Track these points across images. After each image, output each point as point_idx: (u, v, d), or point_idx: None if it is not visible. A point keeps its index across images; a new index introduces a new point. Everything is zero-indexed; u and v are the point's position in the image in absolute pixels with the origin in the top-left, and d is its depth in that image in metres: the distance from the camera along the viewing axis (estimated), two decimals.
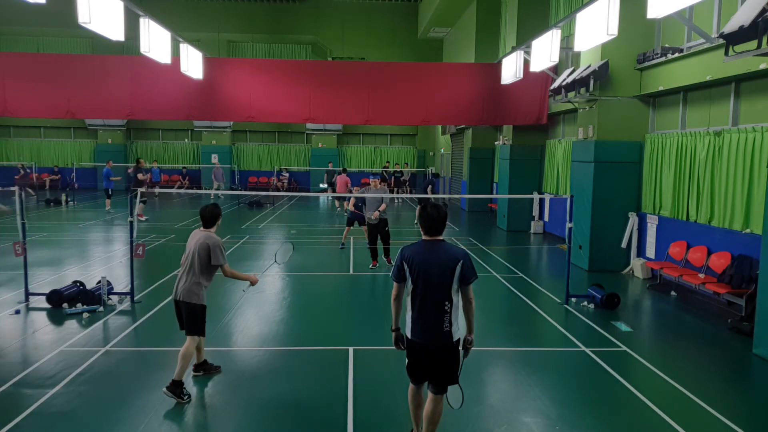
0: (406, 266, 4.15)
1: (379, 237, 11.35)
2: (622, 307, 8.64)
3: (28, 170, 28.47)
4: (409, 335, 4.22)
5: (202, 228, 5.61)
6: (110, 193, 19.82)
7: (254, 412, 5.17)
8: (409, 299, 4.21)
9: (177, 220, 17.71)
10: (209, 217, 5.58)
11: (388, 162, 30.73)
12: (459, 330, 4.18)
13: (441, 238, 4.24)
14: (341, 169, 20.37)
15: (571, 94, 12.23)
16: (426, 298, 4.10)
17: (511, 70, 12.97)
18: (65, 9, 13.74)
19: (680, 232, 10.15)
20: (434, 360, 4.17)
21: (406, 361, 4.29)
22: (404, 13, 29.11)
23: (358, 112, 14.51)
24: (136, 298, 8.59)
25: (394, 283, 4.26)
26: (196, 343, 5.53)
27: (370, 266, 11.33)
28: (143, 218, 17.19)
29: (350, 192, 18.56)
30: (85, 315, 7.81)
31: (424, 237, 4.26)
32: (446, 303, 4.09)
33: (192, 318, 5.48)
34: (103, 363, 6.17)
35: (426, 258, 4.12)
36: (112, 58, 15.89)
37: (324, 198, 26.35)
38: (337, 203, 22.02)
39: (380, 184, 11.77)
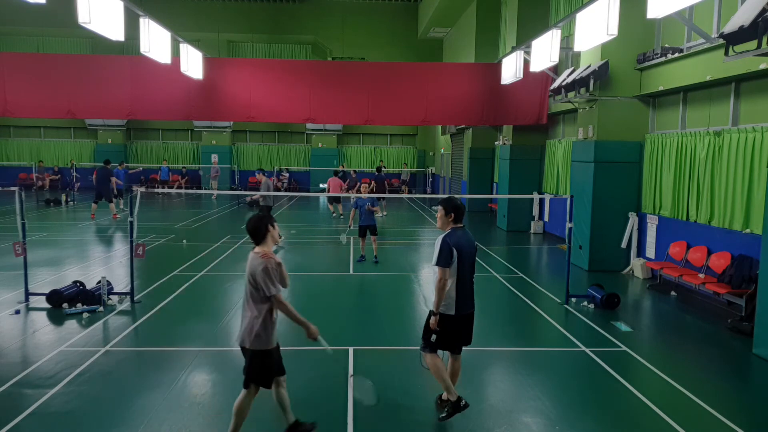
0: (455, 252, 4.79)
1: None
2: (622, 307, 8.64)
3: (46, 170, 28.71)
4: (452, 312, 4.85)
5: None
6: (117, 194, 19.69)
7: (254, 412, 5.16)
8: (452, 280, 4.82)
9: (177, 220, 17.72)
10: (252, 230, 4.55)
11: (382, 161, 30.71)
12: None
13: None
14: (334, 171, 19.76)
15: (571, 94, 12.23)
16: (467, 275, 4.92)
17: (511, 70, 12.97)
18: (65, 9, 13.76)
19: (680, 232, 10.15)
20: (468, 326, 5.03)
21: (434, 337, 4.89)
22: (404, 13, 29.10)
23: (358, 112, 14.50)
24: (136, 298, 8.59)
25: (441, 269, 4.79)
26: (252, 396, 4.52)
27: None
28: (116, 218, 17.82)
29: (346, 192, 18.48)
30: (85, 315, 7.81)
31: (455, 225, 4.95)
32: (473, 276, 5.06)
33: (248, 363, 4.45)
34: (103, 363, 6.17)
35: (467, 242, 4.94)
36: (112, 58, 15.88)
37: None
38: (330, 207, 20.24)
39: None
